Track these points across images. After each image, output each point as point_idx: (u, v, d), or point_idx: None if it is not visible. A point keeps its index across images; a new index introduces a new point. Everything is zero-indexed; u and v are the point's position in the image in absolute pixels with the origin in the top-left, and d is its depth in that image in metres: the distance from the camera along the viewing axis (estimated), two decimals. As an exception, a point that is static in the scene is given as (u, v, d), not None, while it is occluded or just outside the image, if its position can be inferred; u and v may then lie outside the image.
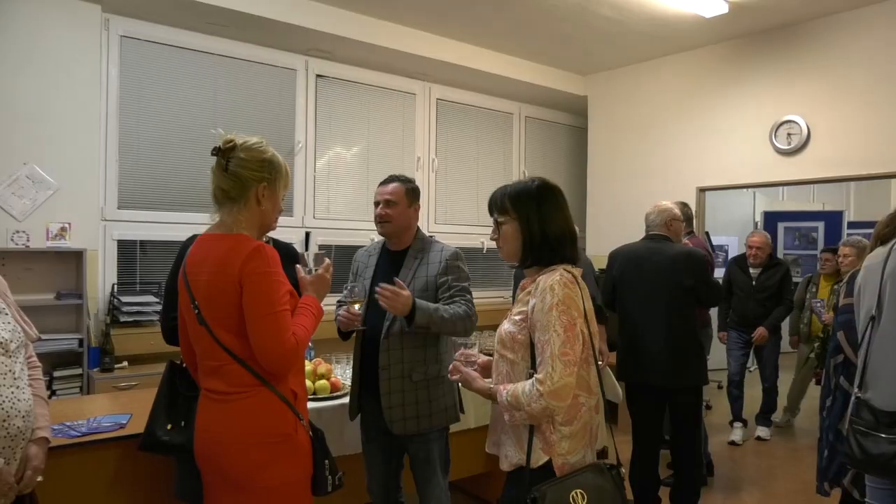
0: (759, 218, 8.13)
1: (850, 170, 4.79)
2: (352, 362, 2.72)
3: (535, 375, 1.69)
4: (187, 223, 4.29)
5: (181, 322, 1.88)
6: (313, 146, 5.22)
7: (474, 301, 2.59)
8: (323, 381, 2.89)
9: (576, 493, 1.64)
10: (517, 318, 1.80)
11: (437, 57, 5.30)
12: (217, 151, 1.77)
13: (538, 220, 1.82)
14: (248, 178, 1.77)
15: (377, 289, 2.32)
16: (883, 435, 2.15)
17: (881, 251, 2.33)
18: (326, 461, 1.84)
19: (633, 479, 3.48)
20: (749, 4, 4.65)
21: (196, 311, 1.74)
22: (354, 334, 2.64)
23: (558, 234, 1.83)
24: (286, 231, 4.85)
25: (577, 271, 1.83)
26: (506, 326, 1.83)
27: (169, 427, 2.13)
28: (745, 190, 7.01)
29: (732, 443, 5.02)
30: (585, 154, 6.61)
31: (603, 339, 3.92)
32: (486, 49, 5.63)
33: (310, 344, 3.33)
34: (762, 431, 5.16)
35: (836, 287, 5.13)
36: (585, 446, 1.78)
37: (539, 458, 1.72)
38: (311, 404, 2.69)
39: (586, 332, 1.75)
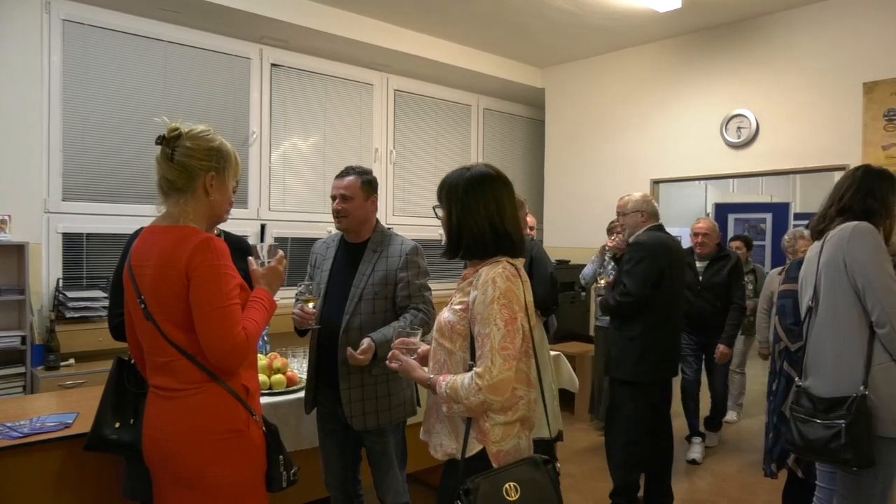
0: (710, 209, 8.35)
1: (797, 163, 4.94)
2: (308, 356, 2.69)
3: (474, 369, 1.68)
4: (137, 215, 4.17)
5: (128, 317, 1.82)
6: (268, 137, 5.12)
7: (432, 292, 2.60)
8: (279, 376, 2.85)
9: (509, 485, 1.64)
10: (458, 307, 1.77)
11: (394, 47, 5.26)
12: (161, 140, 1.71)
13: (458, 213, 1.78)
14: (194, 168, 1.71)
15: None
16: (819, 421, 2.25)
17: (817, 245, 2.44)
18: (280, 456, 1.81)
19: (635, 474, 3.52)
20: (701, 0, 4.74)
21: (142, 305, 1.69)
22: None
23: (477, 228, 1.76)
24: (240, 223, 4.76)
25: (519, 263, 1.82)
26: (445, 315, 1.81)
27: (117, 425, 2.07)
28: (697, 182, 7.17)
29: (693, 461, 4.46)
30: (543, 146, 6.66)
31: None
32: (444, 40, 5.61)
33: (265, 338, 3.31)
34: (712, 439, 4.74)
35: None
36: (518, 434, 1.77)
37: (473, 448, 1.72)
38: (266, 399, 2.67)
39: (527, 325, 1.74)
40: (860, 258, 2.23)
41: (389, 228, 2.71)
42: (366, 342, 2.35)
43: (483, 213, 1.76)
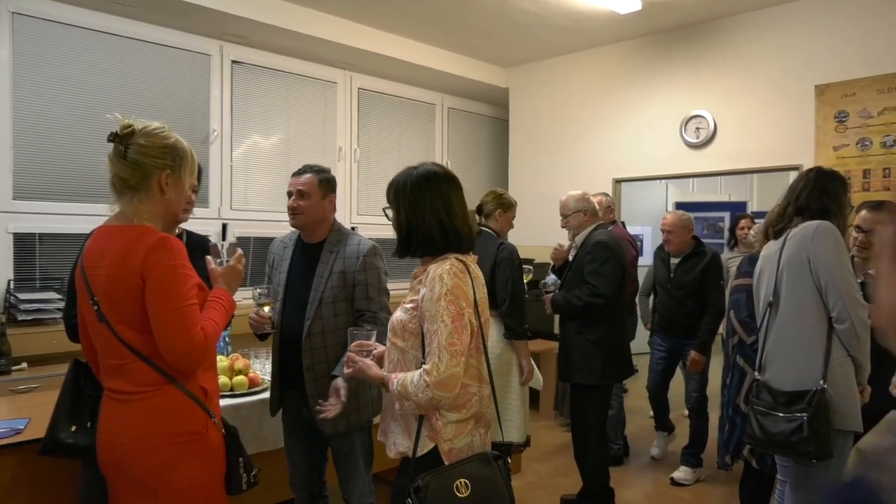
0: (671, 208, 8.49)
1: (753, 163, 5.07)
2: (271, 358, 2.66)
3: (423, 366, 1.69)
4: (92, 214, 4.04)
5: (80, 319, 1.78)
6: (230, 135, 5.04)
7: (391, 293, 2.59)
8: (240, 377, 2.81)
9: (460, 482, 1.64)
10: (409, 306, 1.79)
11: (358, 46, 5.23)
12: (114, 137, 1.67)
13: (406, 211, 1.80)
14: (149, 166, 1.68)
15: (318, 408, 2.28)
16: (781, 414, 2.30)
17: (775, 243, 2.50)
18: (240, 459, 1.79)
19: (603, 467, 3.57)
20: (661, 2, 4.82)
21: (95, 307, 1.64)
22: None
23: (426, 226, 1.78)
24: (201, 223, 4.67)
25: (471, 259, 1.83)
26: (398, 314, 1.82)
27: (73, 429, 2.01)
28: (658, 181, 7.30)
29: (653, 458, 4.47)
30: (507, 145, 6.70)
31: (525, 354, 3.46)
32: (408, 39, 5.60)
33: (227, 339, 3.26)
34: (683, 473, 4.06)
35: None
36: (472, 431, 1.77)
37: (425, 446, 1.73)
38: (228, 401, 2.64)
39: (475, 322, 1.74)
40: (824, 256, 2.29)
41: (354, 228, 2.69)
42: (343, 391, 2.26)
43: (431, 211, 1.78)
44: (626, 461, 4.45)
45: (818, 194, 2.44)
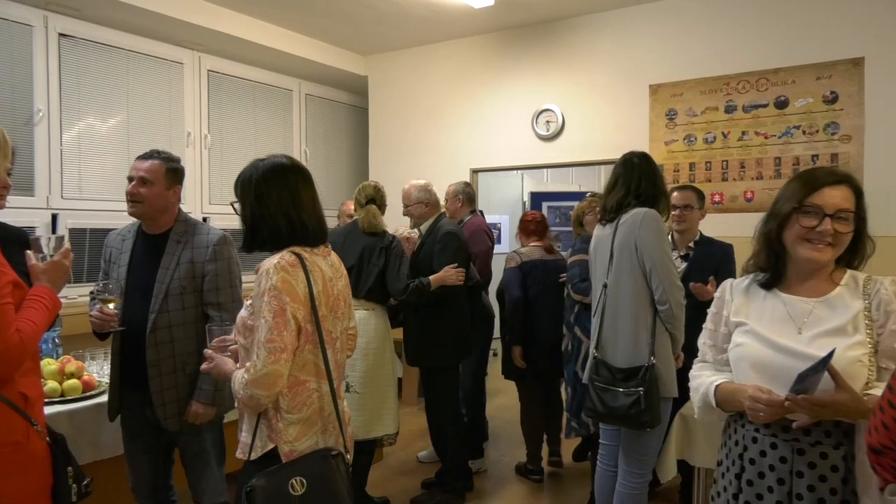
0: (526, 198, 8.90)
1: (598, 155, 5.41)
2: (110, 358, 2.47)
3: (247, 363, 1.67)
4: None
5: None
6: (58, 116, 4.56)
7: (244, 286, 2.50)
8: (73, 381, 2.59)
9: (295, 480, 1.62)
10: (249, 302, 1.75)
11: (207, 25, 4.94)
12: None
13: (252, 205, 1.77)
14: None
15: None
16: (620, 389, 2.50)
17: (608, 227, 2.69)
18: (69, 468, 1.65)
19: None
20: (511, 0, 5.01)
21: None
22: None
23: (272, 220, 1.74)
24: (26, 213, 4.21)
25: (320, 252, 1.81)
26: (241, 312, 1.78)
27: None
28: (514, 171, 7.61)
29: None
30: (367, 134, 6.67)
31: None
32: (262, 21, 5.38)
33: (57, 340, 2.98)
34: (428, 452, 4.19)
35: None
36: (318, 433, 1.75)
37: (265, 446, 1.70)
38: (60, 407, 2.44)
39: (301, 317, 1.68)
40: (648, 243, 2.50)
41: (206, 219, 2.56)
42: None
43: (277, 204, 1.74)
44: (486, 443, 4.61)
45: (653, 179, 2.65)
